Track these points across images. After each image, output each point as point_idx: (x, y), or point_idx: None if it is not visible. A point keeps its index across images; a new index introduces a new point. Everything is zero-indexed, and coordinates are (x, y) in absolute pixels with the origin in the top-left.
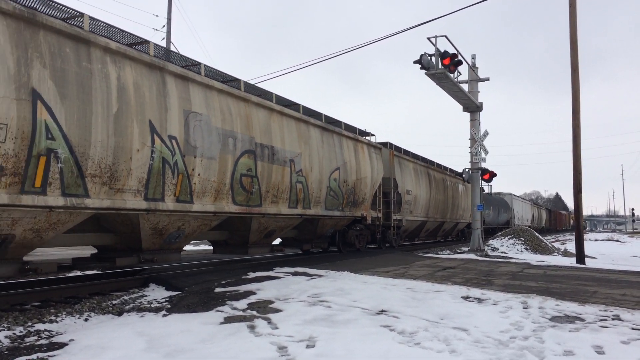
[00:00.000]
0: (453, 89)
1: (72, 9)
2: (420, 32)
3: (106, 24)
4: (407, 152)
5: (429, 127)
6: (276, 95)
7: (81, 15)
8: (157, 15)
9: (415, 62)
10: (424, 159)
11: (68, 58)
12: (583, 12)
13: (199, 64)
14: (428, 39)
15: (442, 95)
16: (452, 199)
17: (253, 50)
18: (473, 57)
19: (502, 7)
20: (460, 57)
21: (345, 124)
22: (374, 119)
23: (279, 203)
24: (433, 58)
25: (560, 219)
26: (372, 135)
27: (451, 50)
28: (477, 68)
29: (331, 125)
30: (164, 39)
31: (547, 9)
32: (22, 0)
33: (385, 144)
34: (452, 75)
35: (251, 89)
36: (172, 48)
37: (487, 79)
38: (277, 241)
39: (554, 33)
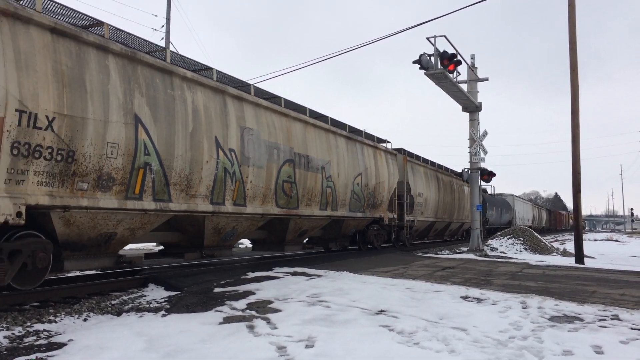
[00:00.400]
0: (452, 89)
1: (156, 45)
2: (420, 32)
3: (179, 54)
4: (418, 157)
5: (429, 127)
6: (309, 109)
7: (164, 49)
8: (156, 15)
9: (414, 62)
10: (433, 163)
11: (158, 87)
12: (581, 13)
13: (249, 84)
14: (427, 39)
15: (442, 95)
16: (459, 201)
17: (253, 50)
18: (472, 57)
19: (501, 7)
20: (459, 57)
21: (365, 132)
22: (374, 119)
23: (312, 206)
24: (432, 58)
25: (559, 219)
26: (388, 142)
27: (450, 50)
28: (476, 68)
29: (354, 135)
30: (162, 38)
31: (546, 9)
32: (111, 34)
33: (399, 150)
34: (451, 75)
35: (289, 104)
36: (171, 48)
37: (486, 79)
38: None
39: (553, 33)
